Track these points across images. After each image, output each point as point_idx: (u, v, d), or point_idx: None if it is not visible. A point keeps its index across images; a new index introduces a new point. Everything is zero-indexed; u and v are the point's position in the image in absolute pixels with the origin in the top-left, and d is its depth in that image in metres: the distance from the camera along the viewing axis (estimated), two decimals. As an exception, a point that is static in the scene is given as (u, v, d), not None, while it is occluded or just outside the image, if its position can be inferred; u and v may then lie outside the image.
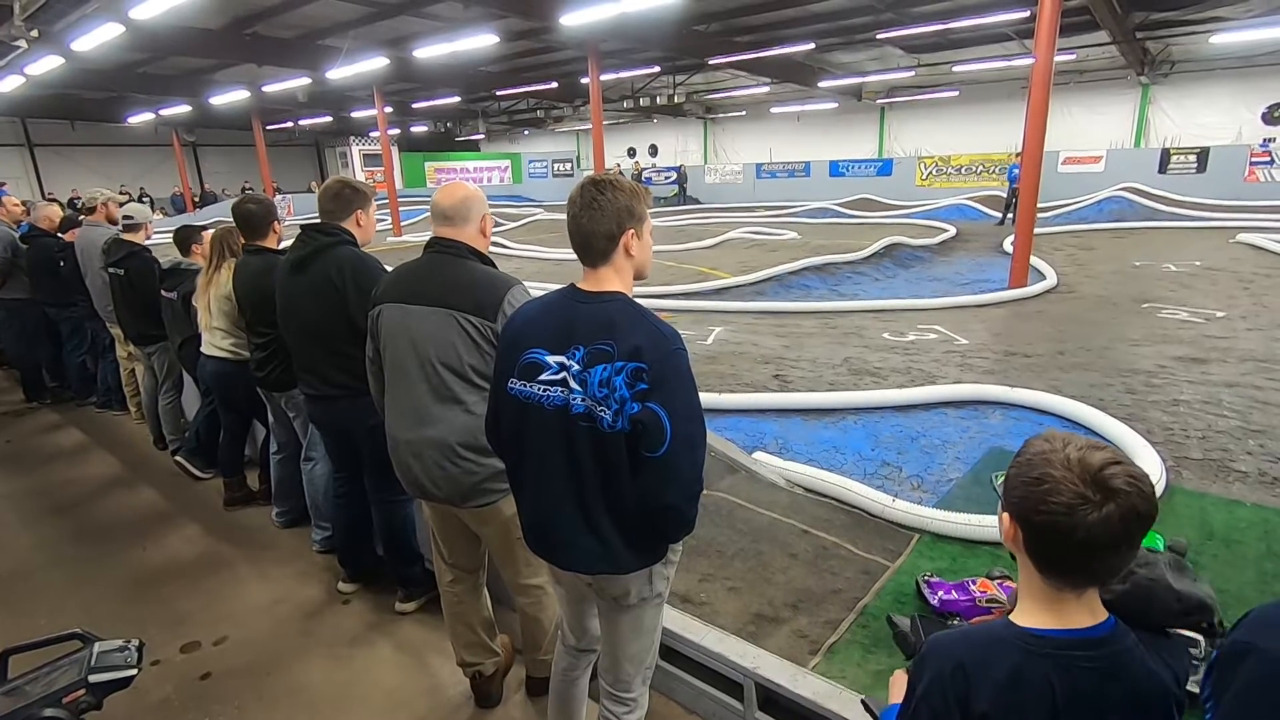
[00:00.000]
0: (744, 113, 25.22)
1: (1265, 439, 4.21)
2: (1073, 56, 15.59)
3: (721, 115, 26.16)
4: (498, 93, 21.97)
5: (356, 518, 2.98)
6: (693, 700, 2.36)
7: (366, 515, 2.95)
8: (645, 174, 26.91)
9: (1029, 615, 0.96)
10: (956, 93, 19.79)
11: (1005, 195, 15.38)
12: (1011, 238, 10.01)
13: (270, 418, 3.50)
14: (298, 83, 16.25)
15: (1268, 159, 16.77)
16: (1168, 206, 15.68)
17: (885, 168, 22.51)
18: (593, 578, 1.68)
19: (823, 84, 19.01)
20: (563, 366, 1.52)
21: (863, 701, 1.97)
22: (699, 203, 24.98)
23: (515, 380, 1.59)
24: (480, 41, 12.60)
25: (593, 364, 1.48)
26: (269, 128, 24.55)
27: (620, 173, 1.77)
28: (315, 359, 2.64)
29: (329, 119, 25.13)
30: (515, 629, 2.49)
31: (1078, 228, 14.41)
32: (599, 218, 1.53)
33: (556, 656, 1.99)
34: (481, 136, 30.82)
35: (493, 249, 2.32)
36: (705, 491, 3.46)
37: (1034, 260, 9.58)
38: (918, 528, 3.20)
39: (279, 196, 21.61)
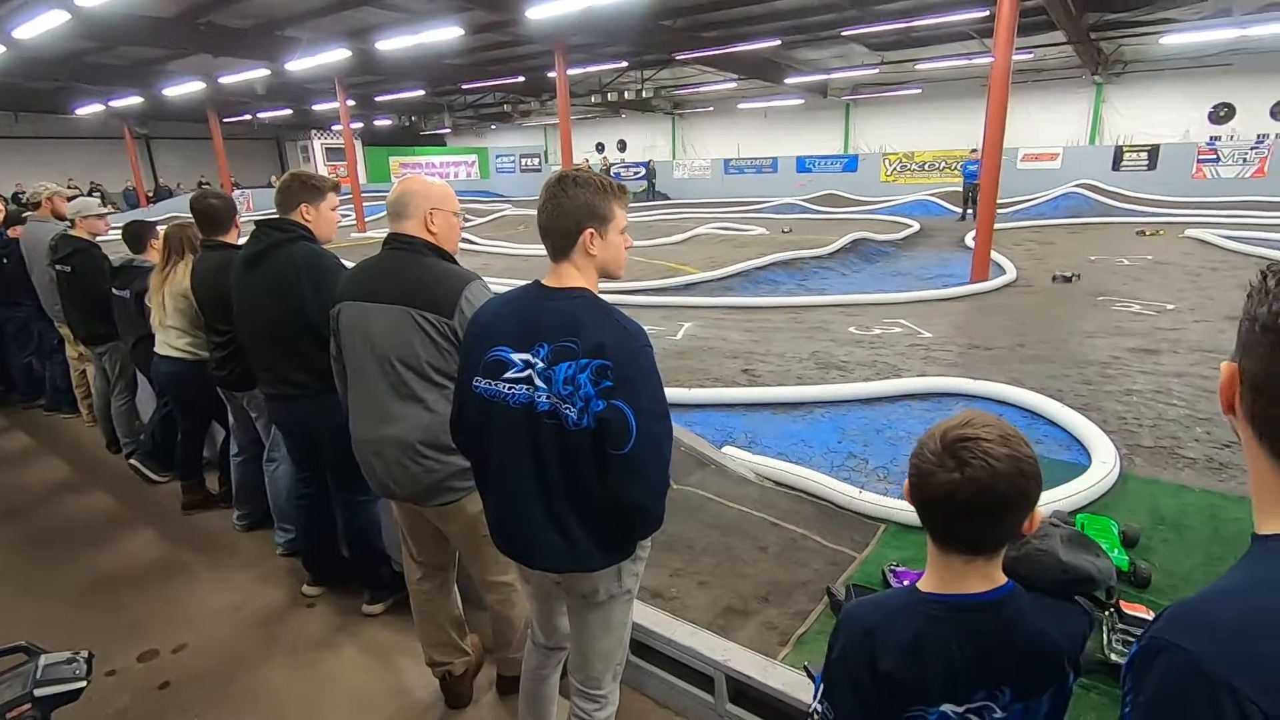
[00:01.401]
0: (712, 108, 25.31)
1: (1211, 426, 4.37)
2: (1031, 56, 15.95)
3: (689, 111, 26.22)
4: (463, 86, 21.67)
5: (320, 519, 2.93)
6: (664, 694, 2.37)
7: (330, 516, 2.89)
8: (614, 169, 26.86)
9: (931, 583, 1.05)
10: (920, 90, 20.11)
11: (963, 191, 15.68)
12: (973, 233, 10.23)
13: (231, 419, 3.41)
14: (255, 74, 15.81)
15: (1214, 157, 17.41)
16: (1120, 202, 16.17)
17: (851, 164, 22.81)
18: (561, 575, 1.67)
19: (789, 80, 19.16)
20: (528, 364, 1.51)
21: (804, 667, 2.11)
22: (668, 198, 25.01)
23: (480, 378, 1.57)
24: (444, 34, 12.41)
25: (557, 361, 1.47)
26: (226, 121, 23.84)
27: (589, 168, 1.75)
28: (273, 358, 2.58)
29: (289, 112, 24.50)
30: (486, 628, 2.47)
31: (1036, 223, 14.78)
32: (559, 214, 1.52)
33: (526, 654, 1.98)
34: (447, 131, 30.39)
35: (461, 245, 2.29)
36: (675, 486, 3.49)
37: (994, 255, 9.81)
38: (884, 518, 3.26)
39: (236, 192, 21.02)
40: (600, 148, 29.06)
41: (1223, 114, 17.48)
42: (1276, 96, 16.75)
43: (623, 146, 28.96)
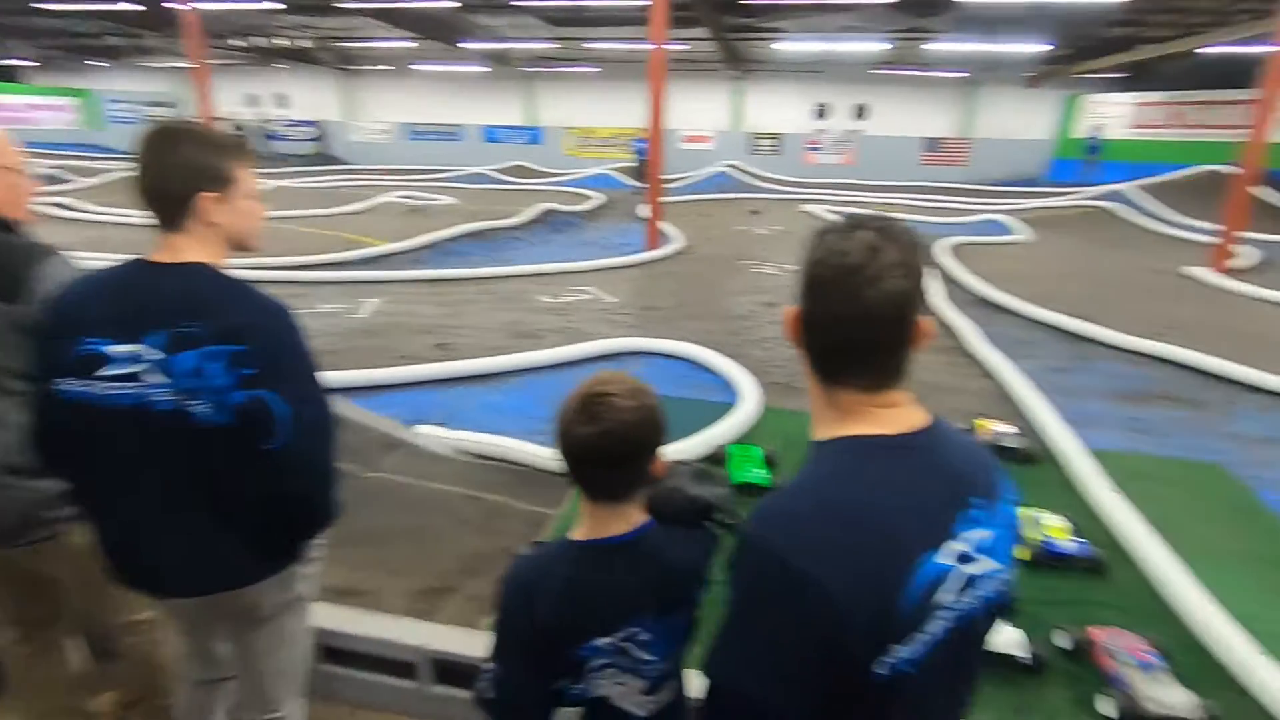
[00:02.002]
0: (389, 68, 23.55)
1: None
2: (686, 47, 17.91)
3: (362, 69, 24.03)
4: (37, 4, 16.52)
5: None
6: (363, 694, 2.23)
7: None
8: (275, 128, 23.50)
9: (582, 531, 1.16)
10: (598, 69, 21.29)
11: (636, 166, 17.15)
12: (646, 205, 11.26)
13: None
14: None
15: (818, 146, 21.72)
16: (758, 181, 19.26)
17: (535, 136, 23.31)
18: (211, 597, 1.45)
19: (465, 44, 18.68)
20: (135, 357, 1.24)
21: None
22: (344, 163, 22.81)
23: (68, 379, 1.26)
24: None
25: (177, 350, 1.24)
26: None
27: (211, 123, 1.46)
28: None
29: None
30: (125, 679, 2.04)
31: (697, 197, 16.83)
32: (164, 175, 1.28)
33: (181, 698, 1.69)
34: (27, 63, 23.37)
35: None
36: (364, 475, 3.27)
37: (664, 226, 10.94)
38: (576, 474, 3.47)
39: None
40: (253, 101, 25.08)
41: (821, 112, 21.79)
42: (857, 100, 21.42)
43: (283, 102, 25.43)
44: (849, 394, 0.91)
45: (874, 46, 16.32)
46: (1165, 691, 2.22)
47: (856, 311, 0.85)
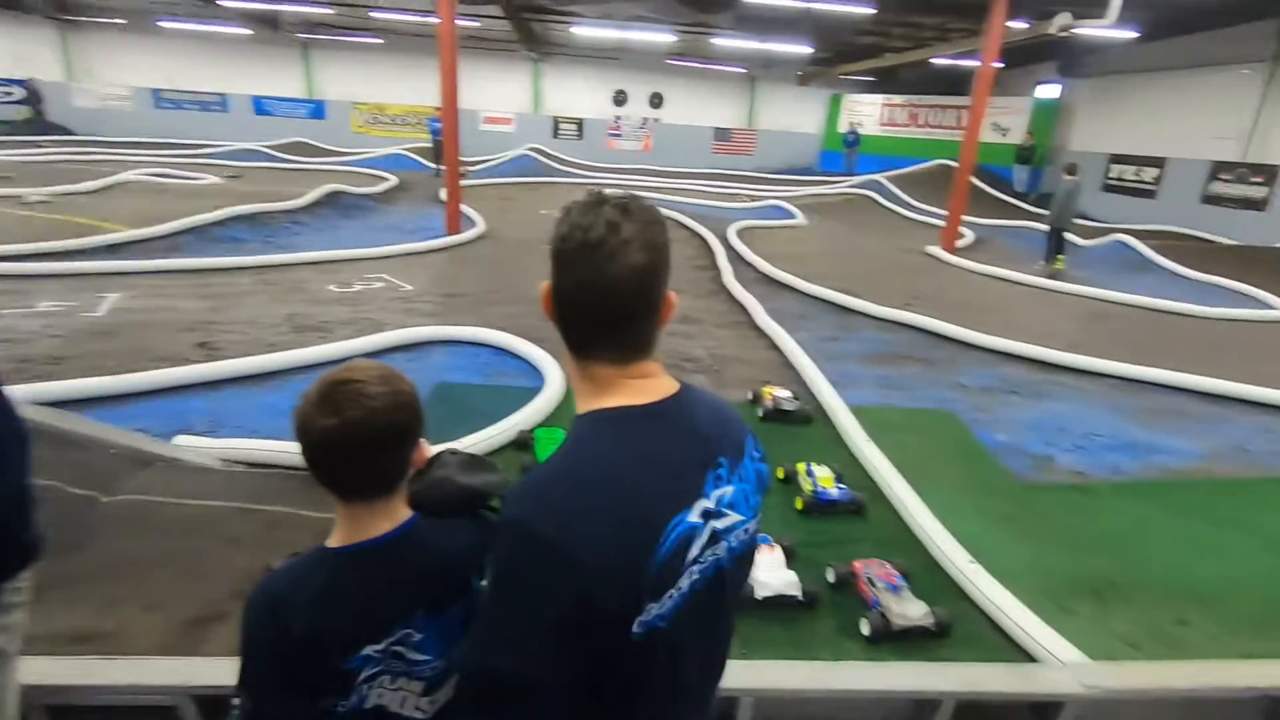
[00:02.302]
0: (124, 22, 19.96)
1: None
2: (477, 24, 17.29)
3: (88, 20, 20.12)
4: None
5: None
6: (109, 752, 1.91)
7: None
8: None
9: (339, 537, 1.07)
10: (382, 40, 19.82)
11: (432, 147, 16.32)
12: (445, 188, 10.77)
13: None
14: None
15: (618, 132, 22.22)
16: (561, 165, 19.27)
17: (318, 110, 21.25)
18: None
19: (223, 1, 16.46)
20: None
21: None
22: (70, 133, 19.11)
23: None
24: None
25: None
26: None
27: None
28: None
29: None
30: None
31: (499, 181, 16.45)
32: None
33: None
34: None
35: None
36: (104, 500, 2.78)
37: (466, 209, 10.57)
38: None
39: None
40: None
41: (620, 98, 22.30)
42: (652, 88, 22.19)
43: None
44: (601, 367, 0.94)
45: (665, 37, 16.99)
46: (908, 607, 2.61)
47: (600, 284, 0.87)
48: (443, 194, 10.53)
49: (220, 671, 1.97)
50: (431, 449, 1.21)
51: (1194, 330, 7.35)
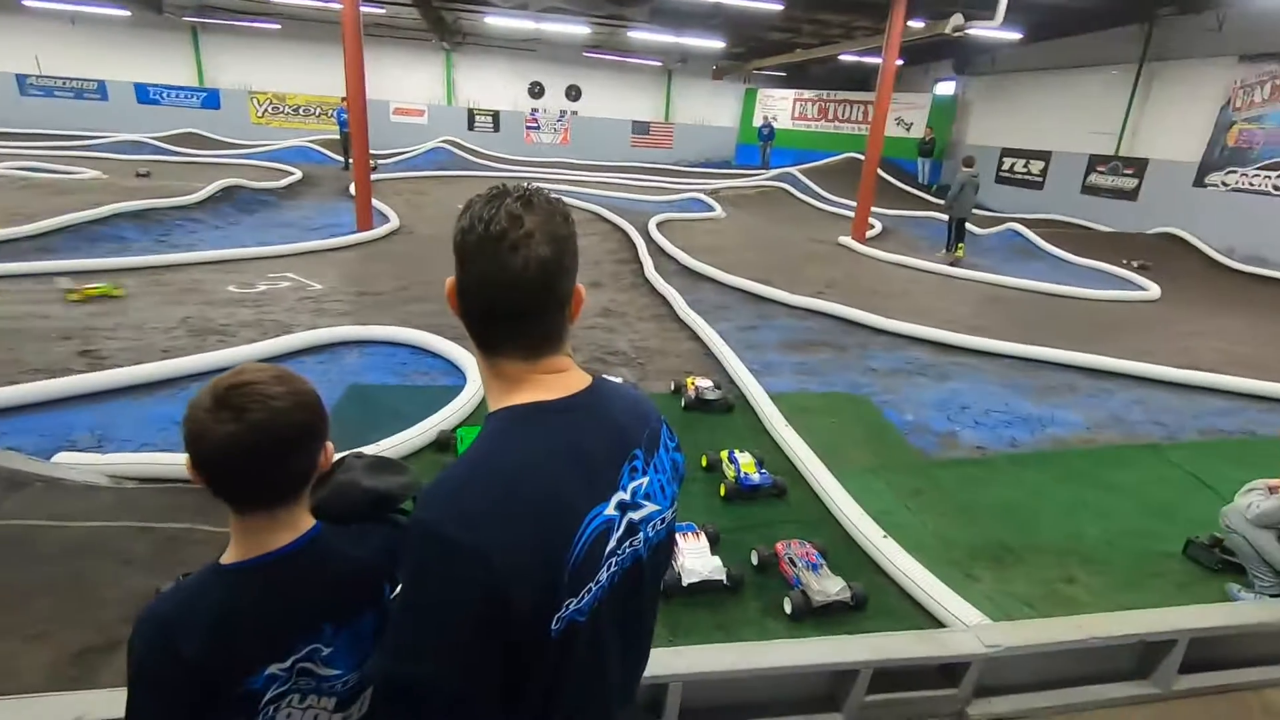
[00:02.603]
0: (-23, -1, 18.03)
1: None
2: (383, 10, 16.64)
3: (-68, -5, 18.06)
4: None
5: None
6: (-14, 802, 1.75)
7: None
8: None
9: (234, 553, 1.00)
10: (278, 25, 18.74)
11: (340, 139, 15.63)
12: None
13: None
14: None
15: (536, 125, 21.92)
16: (478, 158, 18.84)
17: (211, 99, 19.90)
18: None
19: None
20: None
21: None
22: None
23: None
24: None
25: None
26: None
27: None
28: None
29: None
30: None
31: (412, 174, 15.92)
32: None
33: None
34: None
35: None
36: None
37: (377, 204, 10.18)
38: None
39: None
40: None
41: (536, 91, 21.99)
42: (569, 81, 21.98)
43: None
44: (510, 363, 0.93)
45: (581, 29, 16.85)
46: (827, 584, 2.72)
47: (503, 278, 0.86)
48: (353, 188, 10.11)
49: (116, 704, 1.84)
50: (336, 453, 1.17)
51: (1078, 311, 7.96)
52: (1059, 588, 3.03)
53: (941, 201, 11.85)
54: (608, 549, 0.90)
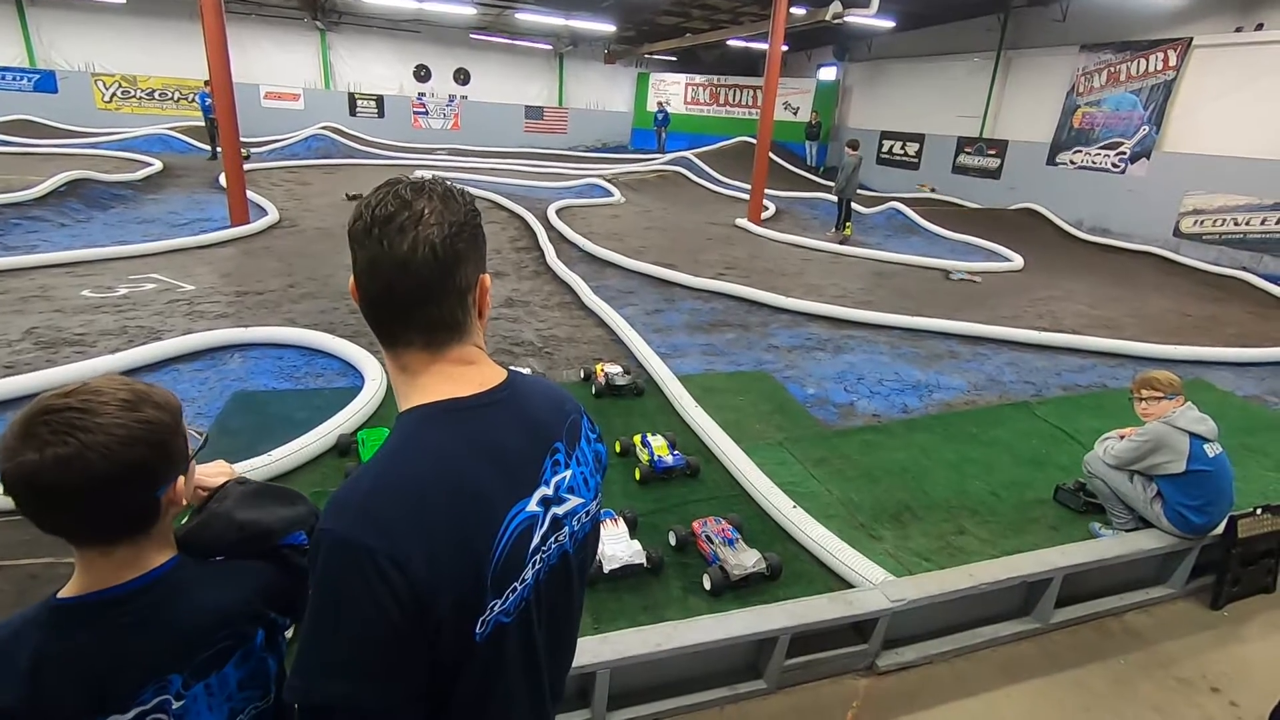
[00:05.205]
0: None
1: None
2: (247, -14, 15.42)
3: None
4: None
5: None
6: None
7: None
8: None
9: (74, 586, 0.89)
10: (123, 1, 16.95)
11: (206, 126, 14.40)
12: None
13: None
14: None
15: (424, 110, 21.04)
16: (362, 145, 17.88)
17: (47, 82, 17.76)
18: None
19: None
20: None
21: None
22: None
23: None
24: None
25: None
26: None
27: None
28: None
29: None
30: None
31: (291, 163, 14.90)
32: None
33: None
34: None
35: None
36: None
37: (253, 196, 9.46)
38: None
39: None
40: None
41: (423, 74, 21.09)
42: (457, 64, 21.21)
43: None
44: (413, 355, 0.89)
45: (466, 9, 16.25)
46: (743, 557, 2.79)
47: (392, 260, 0.82)
48: (223, 179, 9.33)
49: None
50: (216, 478, 1.07)
51: (954, 282, 8.56)
52: (951, 539, 3.26)
53: (831, 183, 12.39)
54: (532, 546, 0.88)
